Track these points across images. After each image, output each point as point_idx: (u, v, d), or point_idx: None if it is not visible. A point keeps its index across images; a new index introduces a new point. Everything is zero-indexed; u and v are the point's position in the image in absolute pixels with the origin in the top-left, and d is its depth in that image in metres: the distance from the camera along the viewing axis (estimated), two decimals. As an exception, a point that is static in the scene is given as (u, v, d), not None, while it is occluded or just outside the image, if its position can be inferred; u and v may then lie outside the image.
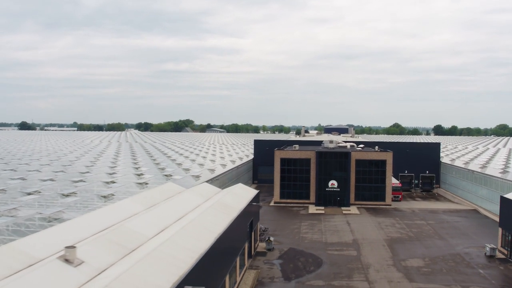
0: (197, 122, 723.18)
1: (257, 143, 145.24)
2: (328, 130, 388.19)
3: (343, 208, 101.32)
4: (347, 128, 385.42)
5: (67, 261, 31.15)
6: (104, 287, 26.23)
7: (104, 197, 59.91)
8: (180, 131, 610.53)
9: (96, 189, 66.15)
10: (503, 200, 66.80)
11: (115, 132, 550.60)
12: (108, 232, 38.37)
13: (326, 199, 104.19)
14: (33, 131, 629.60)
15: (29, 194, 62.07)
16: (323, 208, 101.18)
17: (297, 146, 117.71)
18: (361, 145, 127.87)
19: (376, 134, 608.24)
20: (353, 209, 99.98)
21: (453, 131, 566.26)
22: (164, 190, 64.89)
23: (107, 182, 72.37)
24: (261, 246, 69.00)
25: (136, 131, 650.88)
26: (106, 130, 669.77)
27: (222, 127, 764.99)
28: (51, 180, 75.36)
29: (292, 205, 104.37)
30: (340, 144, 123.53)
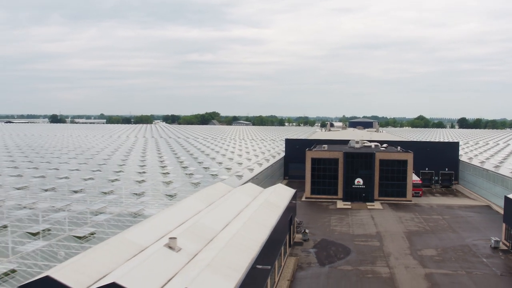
0: (222, 113, 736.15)
1: (288, 142, 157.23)
2: (353, 124, 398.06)
3: (367, 203, 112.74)
4: (372, 122, 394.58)
5: (170, 248, 43.54)
6: (206, 265, 38.51)
7: (170, 196, 72.58)
8: (206, 123, 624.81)
9: (161, 188, 78.80)
10: (507, 199, 77.45)
11: (144, 125, 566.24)
12: (189, 226, 50.72)
13: (353, 195, 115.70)
14: (64, 124, 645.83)
15: (106, 193, 75.13)
16: (349, 203, 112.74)
17: (326, 146, 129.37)
18: (385, 145, 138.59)
19: (400, 127, 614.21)
20: (377, 205, 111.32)
21: (477, 124, 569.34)
22: (216, 189, 77.25)
23: (167, 182, 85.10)
24: (298, 237, 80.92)
25: (164, 123, 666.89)
26: (134, 123, 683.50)
27: (247, 119, 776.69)
28: (117, 180, 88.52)
29: (321, 200, 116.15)
30: (365, 144, 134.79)
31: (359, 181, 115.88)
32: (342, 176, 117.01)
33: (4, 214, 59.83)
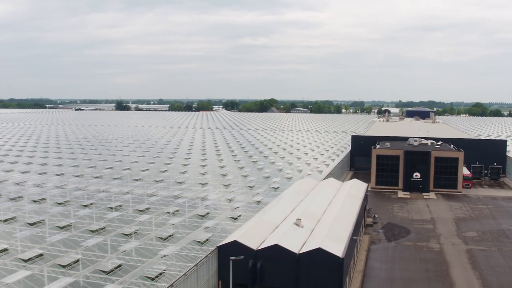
0: (277, 96, 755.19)
1: (354, 138, 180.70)
2: (410, 113, 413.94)
3: (424, 194, 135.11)
4: (428, 112, 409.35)
5: (297, 225, 68.76)
6: (324, 236, 63.40)
7: (275, 188, 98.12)
8: (265, 110, 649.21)
9: (269, 182, 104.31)
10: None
11: (206, 112, 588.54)
12: (303, 212, 75.73)
13: (411, 186, 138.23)
14: (129, 111, 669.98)
15: (203, 185, 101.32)
16: (408, 193, 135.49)
17: (388, 144, 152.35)
18: (440, 142, 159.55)
19: (457, 114, 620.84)
20: (432, 195, 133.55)
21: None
22: (307, 182, 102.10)
23: (266, 177, 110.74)
24: (368, 220, 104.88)
25: (225, 110, 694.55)
26: (195, 110, 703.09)
27: (304, 105, 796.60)
28: (206, 173, 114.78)
29: (384, 190, 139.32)
30: (422, 142, 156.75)
31: (417, 174, 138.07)
32: (402, 170, 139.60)
33: (90, 195, 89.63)
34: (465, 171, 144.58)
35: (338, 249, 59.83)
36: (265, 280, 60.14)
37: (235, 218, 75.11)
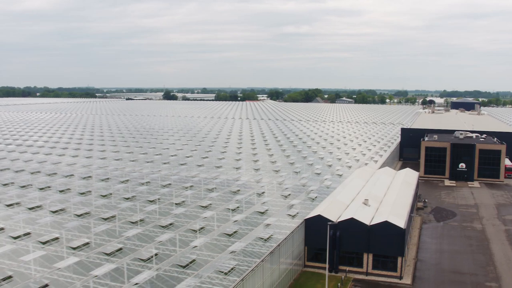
0: (319, 85, 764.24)
1: (403, 130, 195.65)
2: (455, 105, 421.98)
3: (468, 182, 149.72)
4: (473, 103, 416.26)
5: (365, 204, 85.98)
6: (389, 213, 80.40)
7: (339, 175, 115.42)
8: (310, 100, 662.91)
9: (332, 170, 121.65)
10: None
11: (252, 102, 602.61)
12: (368, 193, 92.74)
13: (457, 175, 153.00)
14: (177, 101, 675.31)
15: (276, 171, 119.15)
16: (454, 182, 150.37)
17: (436, 137, 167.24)
18: (484, 135, 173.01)
19: (503, 105, 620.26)
20: (476, 184, 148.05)
21: None
22: (366, 170, 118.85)
23: (329, 166, 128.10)
24: (419, 205, 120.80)
25: (270, 100, 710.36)
26: (240, 100, 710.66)
27: (348, 95, 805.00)
28: (258, 169, 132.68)
29: (432, 179, 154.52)
30: (468, 135, 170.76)
31: (462, 165, 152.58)
32: (449, 161, 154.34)
33: (145, 176, 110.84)
34: (508, 162, 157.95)
35: (400, 222, 76.86)
36: (342, 246, 77.74)
37: (313, 199, 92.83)
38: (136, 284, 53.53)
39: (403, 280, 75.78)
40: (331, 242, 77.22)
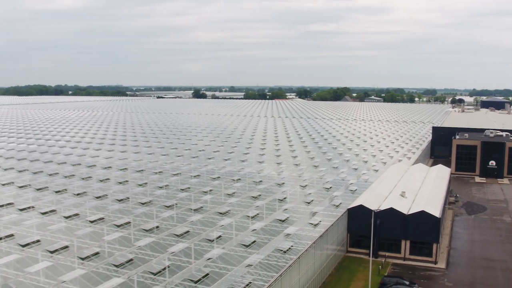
0: (347, 83, 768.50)
1: (434, 129, 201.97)
2: (485, 104, 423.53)
3: (498, 179, 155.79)
4: (503, 103, 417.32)
5: (402, 196, 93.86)
6: (425, 204, 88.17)
7: (376, 170, 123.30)
8: (339, 99, 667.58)
9: (368, 166, 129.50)
10: None
11: (280, 100, 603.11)
12: (404, 187, 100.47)
13: (487, 172, 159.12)
14: (206, 99, 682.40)
15: (315, 166, 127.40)
16: (484, 179, 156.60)
17: (467, 135, 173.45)
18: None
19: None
20: (505, 180, 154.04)
21: None
22: (400, 166, 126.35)
23: (365, 162, 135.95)
24: (451, 199, 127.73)
25: (298, 99, 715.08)
26: (269, 98, 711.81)
27: (376, 93, 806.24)
28: (297, 165, 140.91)
29: (463, 175, 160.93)
30: (498, 134, 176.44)
31: (492, 162, 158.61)
32: (479, 158, 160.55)
33: (176, 168, 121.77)
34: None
35: (435, 212, 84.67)
36: (382, 233, 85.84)
37: (353, 191, 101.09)
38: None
39: (437, 265, 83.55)
40: (371, 230, 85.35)
